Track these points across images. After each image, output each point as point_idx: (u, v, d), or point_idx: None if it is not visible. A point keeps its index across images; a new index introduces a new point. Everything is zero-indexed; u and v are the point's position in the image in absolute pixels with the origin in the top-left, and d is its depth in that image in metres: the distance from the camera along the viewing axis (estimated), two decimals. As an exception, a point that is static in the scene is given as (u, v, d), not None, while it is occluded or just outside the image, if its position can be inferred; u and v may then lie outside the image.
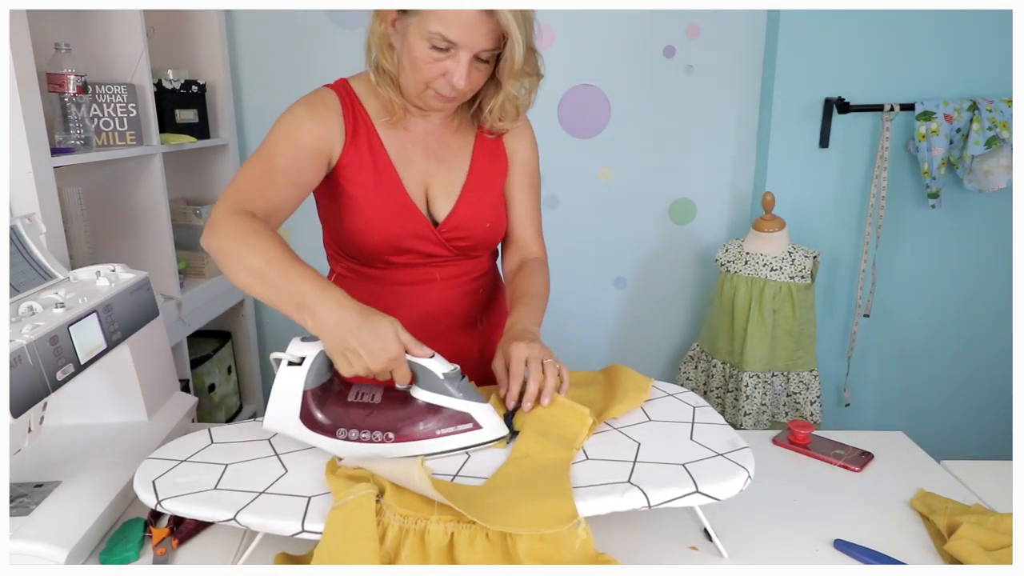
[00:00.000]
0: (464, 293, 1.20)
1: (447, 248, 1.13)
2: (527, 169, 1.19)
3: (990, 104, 1.96)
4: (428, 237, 1.10)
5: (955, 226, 2.19)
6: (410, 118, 1.10)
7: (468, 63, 0.94)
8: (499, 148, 1.17)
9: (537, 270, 1.18)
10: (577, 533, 0.74)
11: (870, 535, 0.87)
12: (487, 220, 1.15)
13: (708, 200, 2.30)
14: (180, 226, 1.91)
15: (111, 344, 0.99)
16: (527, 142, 1.19)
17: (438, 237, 1.11)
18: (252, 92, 2.18)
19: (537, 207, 1.22)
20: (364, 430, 0.86)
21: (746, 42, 2.15)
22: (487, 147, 1.16)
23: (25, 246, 1.09)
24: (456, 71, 0.95)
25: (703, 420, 0.95)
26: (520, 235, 1.21)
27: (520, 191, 1.19)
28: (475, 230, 1.14)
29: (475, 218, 1.13)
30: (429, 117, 1.11)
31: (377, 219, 1.07)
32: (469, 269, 1.20)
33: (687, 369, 2.25)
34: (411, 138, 1.11)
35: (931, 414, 2.36)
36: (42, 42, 1.40)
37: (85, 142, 1.52)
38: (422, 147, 1.11)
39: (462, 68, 0.94)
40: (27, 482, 0.93)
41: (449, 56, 0.94)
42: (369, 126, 1.08)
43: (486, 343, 1.25)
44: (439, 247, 1.12)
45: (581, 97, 2.20)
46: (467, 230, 1.13)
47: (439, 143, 1.12)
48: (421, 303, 1.16)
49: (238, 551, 0.85)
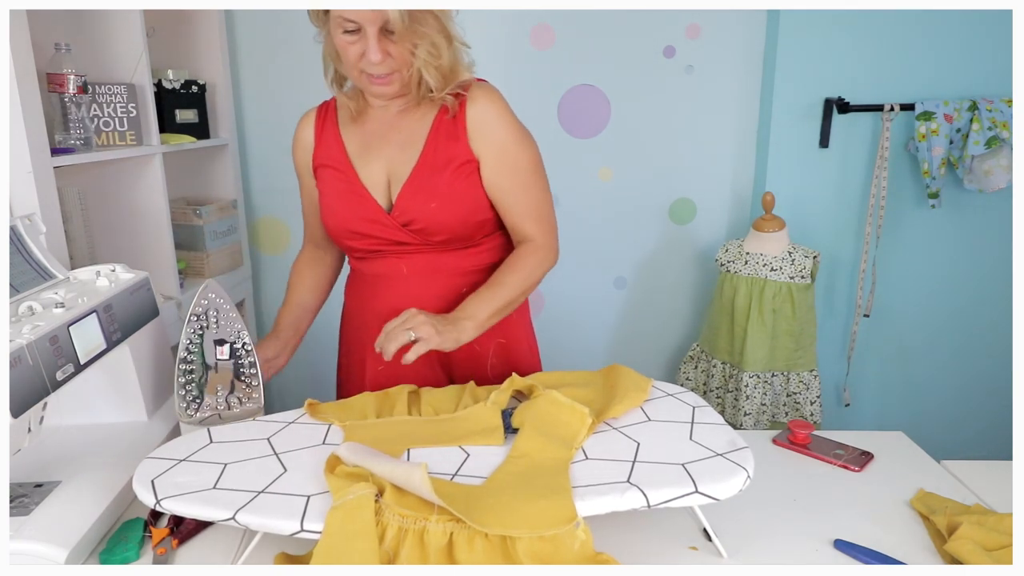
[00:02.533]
0: (439, 293, 1.19)
1: (403, 232, 1.15)
2: (501, 152, 1.14)
3: (990, 104, 1.96)
4: (380, 221, 1.15)
5: (955, 226, 2.19)
6: (372, 112, 1.18)
7: (376, 38, 1.01)
8: (459, 129, 1.13)
9: (519, 255, 1.17)
10: (576, 534, 0.74)
11: (870, 535, 0.87)
12: (433, 200, 1.12)
13: (708, 200, 2.30)
14: (180, 226, 1.91)
15: (111, 344, 0.99)
16: (493, 124, 1.14)
17: (392, 221, 1.14)
18: (252, 92, 2.18)
19: (529, 191, 1.17)
20: None
21: (746, 42, 2.15)
22: (444, 128, 1.13)
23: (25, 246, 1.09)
24: (368, 47, 1.02)
25: (703, 420, 0.95)
26: (511, 223, 1.19)
27: (501, 177, 1.15)
28: (422, 211, 1.13)
29: (421, 198, 1.13)
30: (388, 108, 1.16)
31: (333, 205, 1.18)
32: (440, 264, 1.18)
33: (687, 369, 2.25)
34: (372, 130, 1.18)
35: (931, 414, 2.36)
36: (42, 42, 1.40)
37: (85, 142, 1.52)
38: (381, 137, 1.17)
39: (371, 43, 1.01)
40: (27, 482, 0.93)
41: (360, 37, 1.02)
42: (334, 126, 1.20)
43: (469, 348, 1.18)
44: (395, 231, 1.15)
45: (581, 97, 2.19)
46: (415, 212, 1.13)
47: (396, 129, 1.16)
48: (391, 297, 1.20)
49: (238, 551, 0.85)
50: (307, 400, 1.03)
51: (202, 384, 1.04)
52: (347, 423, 0.97)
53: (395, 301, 1.18)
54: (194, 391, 1.04)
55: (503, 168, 1.15)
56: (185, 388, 1.03)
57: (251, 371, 1.07)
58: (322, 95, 1.25)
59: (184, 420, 1.04)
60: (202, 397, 1.04)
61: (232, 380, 1.06)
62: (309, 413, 1.01)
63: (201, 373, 1.04)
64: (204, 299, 1.05)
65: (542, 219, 1.19)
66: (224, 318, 1.05)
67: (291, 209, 2.29)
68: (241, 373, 1.06)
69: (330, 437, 0.95)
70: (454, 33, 1.08)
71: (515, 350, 1.27)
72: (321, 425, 0.98)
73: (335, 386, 1.37)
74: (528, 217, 1.18)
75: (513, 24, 2.12)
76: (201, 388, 1.04)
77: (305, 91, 2.17)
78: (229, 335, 1.05)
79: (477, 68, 1.17)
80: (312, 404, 1.03)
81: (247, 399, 1.06)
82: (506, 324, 1.23)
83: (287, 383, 2.43)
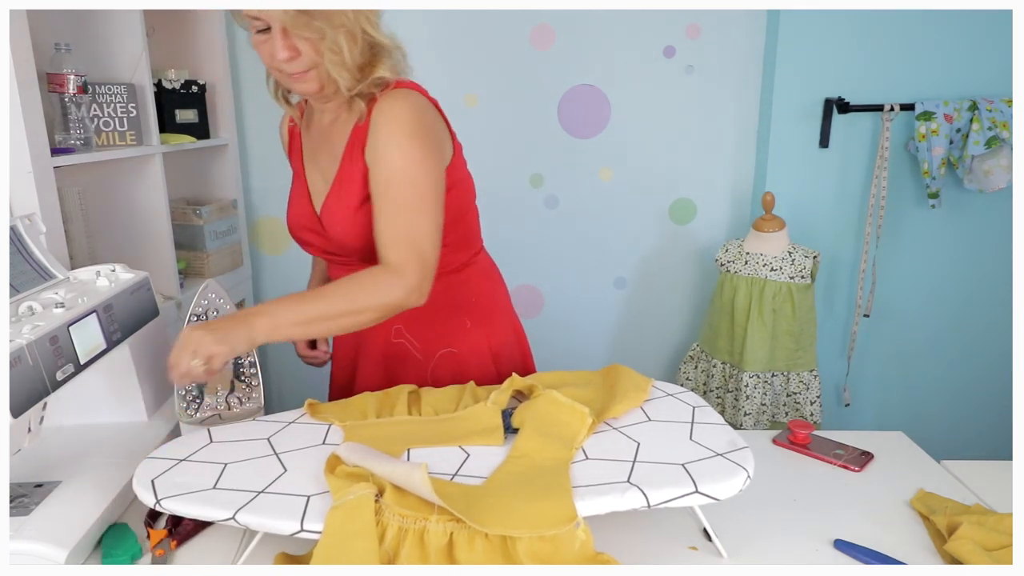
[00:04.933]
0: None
1: (333, 244, 1.13)
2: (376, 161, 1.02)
3: (990, 104, 1.96)
4: (315, 229, 1.14)
5: (955, 226, 2.19)
6: (316, 115, 1.16)
7: (280, 35, 0.97)
8: (361, 140, 1.06)
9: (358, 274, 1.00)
10: (576, 534, 0.74)
11: (870, 535, 0.87)
12: (338, 222, 1.08)
13: (708, 200, 2.30)
14: (180, 226, 1.91)
15: (111, 344, 0.99)
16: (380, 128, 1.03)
17: (324, 231, 1.13)
18: (252, 92, 2.18)
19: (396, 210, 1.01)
20: None
21: (746, 42, 2.15)
22: (358, 138, 1.07)
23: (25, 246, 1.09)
24: (274, 45, 0.98)
25: (703, 420, 0.95)
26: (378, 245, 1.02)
27: (375, 190, 1.03)
28: (335, 229, 1.09)
29: (332, 218, 1.10)
30: (323, 115, 1.14)
31: (289, 208, 1.19)
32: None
33: (687, 369, 2.25)
34: (318, 135, 1.16)
35: (931, 414, 2.36)
36: (42, 42, 1.40)
37: (85, 142, 1.52)
38: (319, 146, 1.16)
39: (276, 41, 0.98)
40: (27, 482, 0.93)
41: (269, 35, 0.99)
42: (297, 130, 1.20)
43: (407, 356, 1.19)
44: (328, 242, 1.14)
45: (581, 97, 2.19)
46: (331, 228, 1.11)
47: (327, 139, 1.14)
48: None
49: (237, 551, 0.85)
50: (307, 400, 1.03)
51: (202, 384, 1.04)
52: (347, 423, 0.97)
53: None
54: (194, 391, 1.04)
55: (377, 182, 1.02)
56: (185, 388, 1.03)
57: (251, 371, 1.07)
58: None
59: (184, 420, 1.04)
60: (202, 397, 1.04)
61: (232, 380, 1.06)
62: (309, 413, 1.01)
63: (201, 373, 1.04)
64: (204, 299, 1.05)
65: (403, 247, 1.00)
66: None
67: (291, 209, 2.29)
68: (241, 373, 1.06)
69: (330, 437, 0.95)
70: (370, 31, 1.01)
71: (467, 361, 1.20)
72: (321, 425, 0.98)
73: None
74: (386, 242, 1.00)
75: (513, 24, 2.12)
76: (201, 388, 1.04)
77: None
78: None
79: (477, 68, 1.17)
80: (312, 404, 1.03)
81: (247, 399, 1.06)
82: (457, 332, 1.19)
83: (287, 383, 2.43)
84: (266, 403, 1.09)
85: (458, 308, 1.20)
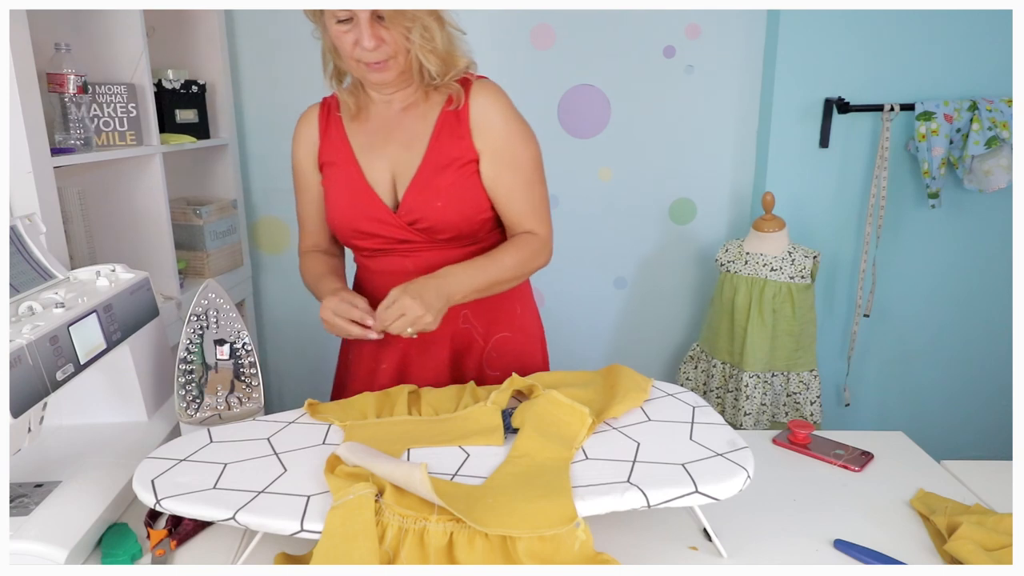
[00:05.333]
0: None
1: (410, 231, 1.15)
2: (503, 149, 1.14)
3: (990, 104, 1.96)
4: (386, 220, 1.15)
5: (955, 226, 2.18)
6: (373, 108, 1.18)
7: (368, 23, 1.02)
8: (462, 124, 1.14)
9: (521, 239, 1.17)
10: (576, 534, 0.74)
11: (870, 535, 0.87)
12: (439, 199, 1.13)
13: (708, 200, 2.30)
14: (180, 226, 1.91)
15: (111, 344, 0.99)
16: (496, 119, 1.14)
17: (398, 220, 1.15)
18: (252, 92, 2.18)
19: (530, 189, 1.17)
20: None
21: (746, 42, 2.15)
22: (448, 124, 1.14)
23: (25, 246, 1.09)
24: (362, 34, 1.03)
25: (703, 420, 0.95)
26: (510, 220, 1.19)
27: (502, 173, 1.15)
28: (427, 209, 1.13)
29: (426, 196, 1.13)
30: (391, 104, 1.16)
31: (339, 204, 1.19)
32: (444, 260, 1.17)
33: (687, 369, 2.25)
34: (376, 127, 1.17)
35: (931, 414, 2.36)
36: (42, 42, 1.40)
37: (85, 142, 1.52)
38: (385, 134, 1.17)
39: (364, 29, 1.02)
40: (27, 482, 0.93)
41: (353, 25, 1.03)
42: (339, 123, 1.19)
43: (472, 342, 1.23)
44: (400, 230, 1.15)
45: (581, 97, 2.19)
46: (421, 211, 1.13)
47: (400, 128, 1.16)
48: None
49: (237, 551, 0.85)
50: (307, 400, 1.03)
51: (202, 384, 1.04)
52: (347, 423, 0.97)
53: None
54: (194, 391, 1.04)
55: (505, 164, 1.15)
56: (185, 388, 1.03)
57: (251, 371, 1.07)
58: (323, 94, 1.24)
59: (184, 420, 1.04)
60: (202, 397, 1.04)
61: (232, 380, 1.06)
62: (309, 413, 1.01)
63: (201, 373, 1.04)
64: (204, 299, 1.05)
65: (542, 217, 1.19)
66: (224, 318, 1.05)
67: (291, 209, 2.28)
68: (241, 373, 1.06)
69: (330, 437, 0.95)
70: (447, 18, 1.09)
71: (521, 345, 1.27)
72: (321, 425, 0.98)
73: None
74: (528, 215, 1.18)
75: (513, 24, 2.12)
76: (201, 388, 1.04)
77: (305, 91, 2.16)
78: (229, 335, 1.05)
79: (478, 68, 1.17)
80: (312, 404, 1.03)
81: (247, 399, 1.06)
82: (511, 316, 1.25)
83: (287, 383, 2.43)
84: (266, 403, 1.10)
85: (510, 293, 1.25)
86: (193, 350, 1.04)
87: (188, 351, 1.03)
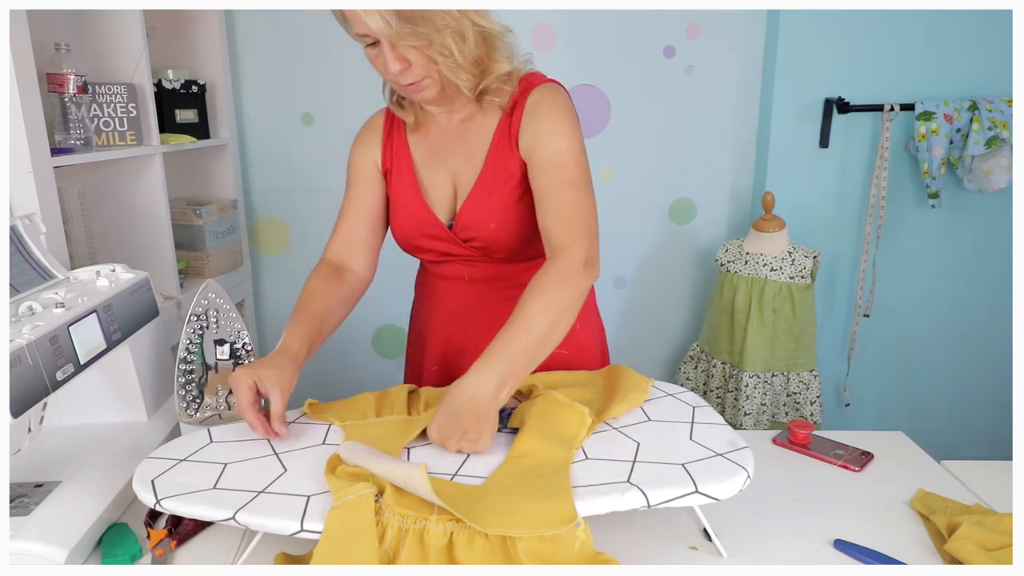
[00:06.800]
0: (499, 299, 1.14)
1: (465, 248, 1.12)
2: (533, 145, 1.03)
3: (990, 104, 1.96)
4: (441, 236, 1.12)
5: (955, 226, 2.19)
6: (435, 119, 1.13)
7: (389, 47, 0.95)
8: (512, 134, 1.06)
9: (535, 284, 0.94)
10: (576, 534, 0.74)
11: (870, 535, 0.87)
12: (492, 220, 1.07)
13: (708, 200, 2.30)
14: (180, 226, 1.91)
15: (111, 344, 0.99)
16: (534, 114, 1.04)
17: (453, 237, 1.11)
18: (252, 92, 2.18)
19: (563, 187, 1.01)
20: None
21: (746, 42, 2.15)
22: (503, 135, 1.07)
23: (25, 246, 1.09)
24: (386, 58, 0.97)
25: (703, 420, 0.95)
26: (542, 230, 1.02)
27: (532, 171, 1.03)
28: (481, 230, 1.08)
29: (480, 217, 1.08)
30: (452, 115, 1.12)
31: (397, 218, 1.15)
32: (500, 274, 1.15)
33: (687, 369, 2.25)
34: (437, 139, 1.13)
35: (931, 414, 2.36)
36: (42, 42, 1.40)
37: (85, 142, 1.52)
38: (447, 147, 1.12)
39: (387, 53, 0.96)
40: (27, 482, 0.93)
41: (380, 48, 0.97)
42: (402, 133, 1.15)
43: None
44: (456, 246, 1.12)
45: (581, 97, 2.19)
46: (475, 230, 1.09)
47: (462, 139, 1.11)
48: (451, 300, 1.19)
49: (237, 551, 0.85)
50: (307, 400, 1.03)
51: (202, 384, 1.04)
52: (347, 423, 0.97)
53: (455, 303, 1.19)
54: (194, 391, 1.04)
55: (536, 164, 1.03)
56: (185, 388, 1.03)
57: None
58: (323, 94, 1.24)
59: (184, 420, 1.04)
60: (202, 397, 1.04)
61: None
62: (309, 413, 1.01)
63: (201, 373, 1.04)
64: (204, 299, 1.05)
65: (577, 231, 0.99)
66: (224, 318, 1.05)
67: (291, 209, 2.29)
68: None
69: (330, 437, 0.95)
70: (480, 22, 1.01)
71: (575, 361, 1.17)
72: (321, 425, 0.98)
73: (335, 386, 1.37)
74: (560, 224, 0.99)
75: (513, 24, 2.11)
76: (201, 388, 1.04)
77: (305, 91, 2.17)
78: (229, 335, 1.05)
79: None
80: (312, 404, 1.03)
81: (247, 399, 1.06)
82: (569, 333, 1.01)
83: (287, 383, 2.43)
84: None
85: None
86: (193, 350, 1.04)
87: (188, 351, 1.03)
